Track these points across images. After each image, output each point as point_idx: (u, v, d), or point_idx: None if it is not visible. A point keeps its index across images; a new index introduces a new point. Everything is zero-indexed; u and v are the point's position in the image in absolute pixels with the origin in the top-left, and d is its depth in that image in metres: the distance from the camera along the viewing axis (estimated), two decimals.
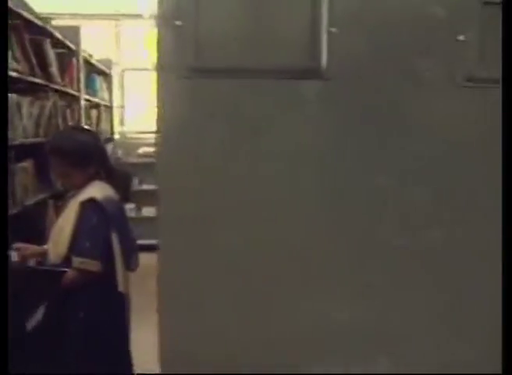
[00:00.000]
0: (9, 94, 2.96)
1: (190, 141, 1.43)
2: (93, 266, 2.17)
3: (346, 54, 1.43)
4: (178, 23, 1.41)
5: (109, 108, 6.70)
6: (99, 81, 6.18)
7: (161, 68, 1.42)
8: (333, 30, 1.41)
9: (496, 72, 1.47)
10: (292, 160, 1.45)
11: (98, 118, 5.95)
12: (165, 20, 1.41)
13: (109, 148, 5.54)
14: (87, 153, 2.32)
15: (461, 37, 1.44)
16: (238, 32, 1.43)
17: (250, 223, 1.46)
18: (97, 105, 5.95)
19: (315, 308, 1.49)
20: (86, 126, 4.28)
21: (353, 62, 1.44)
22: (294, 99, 1.44)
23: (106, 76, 6.62)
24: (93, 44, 5.89)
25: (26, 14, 3.43)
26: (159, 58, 1.42)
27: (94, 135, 2.60)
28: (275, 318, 1.49)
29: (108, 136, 6.34)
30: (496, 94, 1.48)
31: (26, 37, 3.49)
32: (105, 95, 6.54)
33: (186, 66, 1.41)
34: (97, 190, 2.28)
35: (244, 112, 1.44)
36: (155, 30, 1.43)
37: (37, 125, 3.65)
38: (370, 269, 1.50)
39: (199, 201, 1.46)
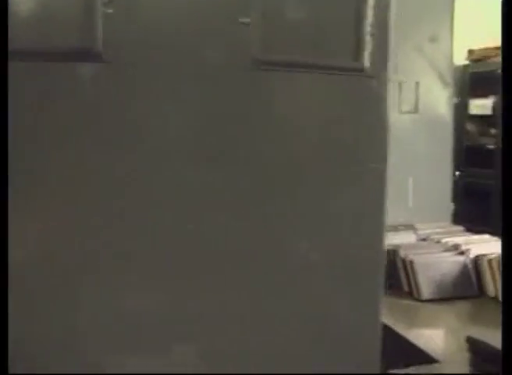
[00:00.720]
0: None
1: None
2: None
3: (124, 36, 1.38)
4: None
5: None
6: None
7: None
8: (109, 11, 1.37)
9: (281, 55, 1.48)
10: (68, 143, 1.40)
11: None
12: None
13: None
14: None
15: (244, 20, 1.43)
16: (9, 11, 1.35)
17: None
18: None
19: (108, 299, 1.46)
20: None
21: (132, 45, 1.39)
22: (70, 82, 1.39)
23: None
24: None
25: None
26: None
27: None
28: (62, 312, 1.44)
29: None
30: (284, 77, 1.49)
31: None
32: None
33: None
34: None
35: (17, 97, 1.36)
36: None
37: None
38: (162, 256, 1.48)
39: None
